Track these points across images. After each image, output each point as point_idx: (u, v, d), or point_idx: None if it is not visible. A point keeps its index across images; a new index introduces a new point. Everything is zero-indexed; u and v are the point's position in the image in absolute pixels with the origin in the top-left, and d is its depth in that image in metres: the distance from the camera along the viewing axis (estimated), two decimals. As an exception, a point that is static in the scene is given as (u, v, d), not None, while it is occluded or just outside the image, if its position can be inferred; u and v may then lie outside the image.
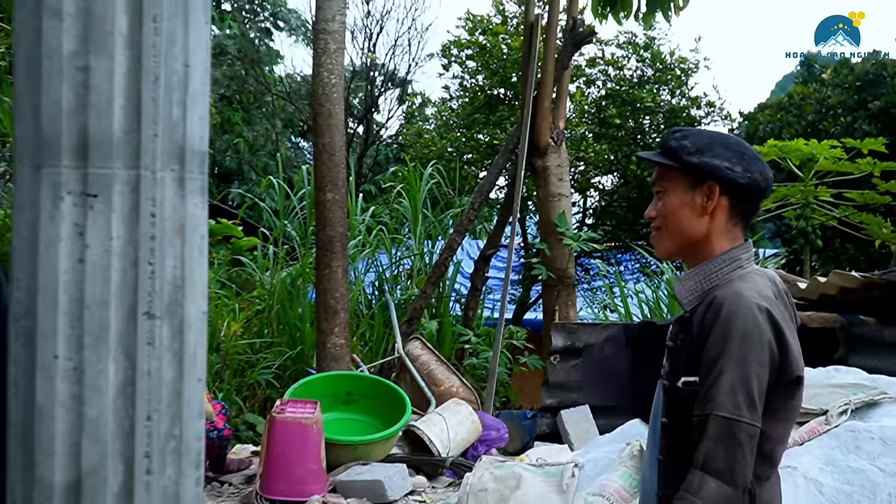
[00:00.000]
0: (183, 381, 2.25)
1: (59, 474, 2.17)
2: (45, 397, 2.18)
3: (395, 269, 15.31)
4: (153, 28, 2.18)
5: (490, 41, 20.88)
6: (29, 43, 2.19)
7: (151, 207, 2.18)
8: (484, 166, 21.25)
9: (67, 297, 2.17)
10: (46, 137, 2.17)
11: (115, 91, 2.16)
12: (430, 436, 8.89)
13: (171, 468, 2.24)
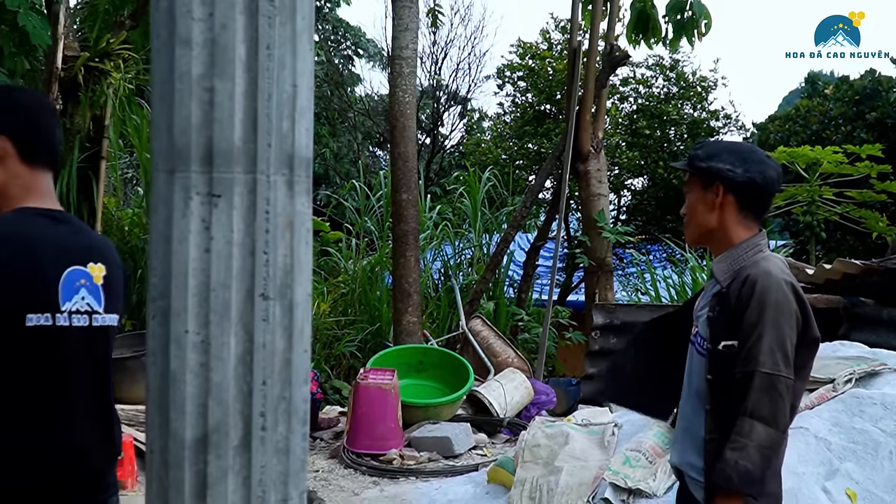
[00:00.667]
0: (292, 351, 2.26)
1: (189, 430, 2.19)
2: (178, 365, 2.19)
3: (458, 258, 15.32)
4: (267, 55, 2.18)
5: (538, 64, 20.83)
6: (163, 69, 2.21)
7: (266, 206, 2.19)
8: (533, 171, 21.22)
9: (196, 282, 2.18)
10: (178, 148, 2.18)
11: (235, 108, 2.17)
12: (490, 399, 8.88)
13: (283, 425, 2.25)
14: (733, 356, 2.87)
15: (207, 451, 2.18)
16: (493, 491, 6.53)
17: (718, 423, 2.90)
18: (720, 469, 2.79)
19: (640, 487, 5.72)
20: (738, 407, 2.80)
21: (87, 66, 7.75)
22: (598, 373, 9.76)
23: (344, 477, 7.66)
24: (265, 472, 2.22)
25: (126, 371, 9.36)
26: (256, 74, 2.18)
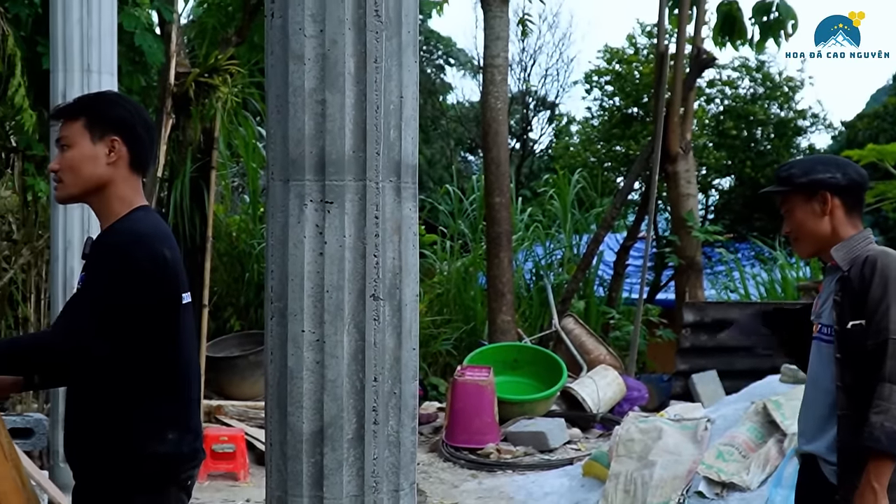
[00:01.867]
0: (401, 349, 2.30)
1: (307, 424, 2.24)
2: (295, 363, 2.25)
3: (549, 258, 15.27)
4: (374, 68, 2.22)
5: (624, 69, 20.63)
6: (278, 83, 2.26)
7: (375, 211, 2.23)
8: (620, 173, 21.03)
9: (311, 284, 2.23)
10: (293, 157, 2.24)
11: (345, 119, 2.21)
12: (583, 395, 8.84)
13: (393, 419, 2.29)
14: (862, 333, 2.92)
15: (324, 443, 2.24)
16: (588, 484, 6.50)
17: (851, 399, 2.93)
18: (868, 433, 2.82)
19: (733, 481, 5.65)
20: (876, 375, 2.85)
21: (198, 81, 7.94)
22: (689, 369, 9.64)
23: (443, 470, 7.70)
24: (378, 464, 2.26)
25: (236, 369, 9.55)
26: (365, 87, 2.22)
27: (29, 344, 2.59)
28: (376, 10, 2.21)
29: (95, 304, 2.52)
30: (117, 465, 2.61)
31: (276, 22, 2.26)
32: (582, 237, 15.31)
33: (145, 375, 2.63)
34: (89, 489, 2.68)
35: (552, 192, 16.60)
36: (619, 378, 9.25)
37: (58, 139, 2.67)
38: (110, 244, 2.59)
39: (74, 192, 2.67)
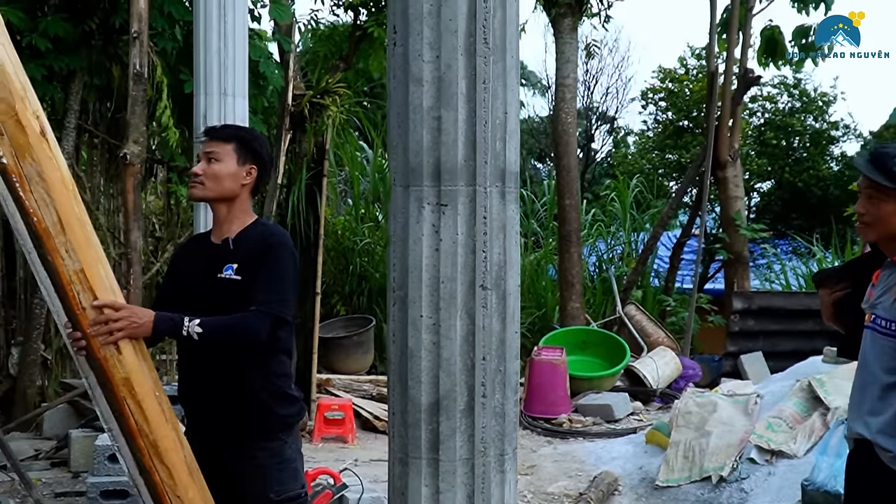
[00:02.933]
0: (506, 332, 2.29)
1: (425, 396, 2.25)
2: (415, 344, 2.25)
3: (610, 253, 15.13)
4: (483, 88, 2.22)
5: (676, 87, 20.35)
6: (399, 102, 2.27)
7: (484, 213, 2.23)
8: (672, 178, 20.75)
9: (428, 275, 2.24)
10: (412, 166, 2.24)
11: (458, 133, 2.21)
12: (645, 372, 8.74)
13: (499, 393, 2.28)
14: None
15: (439, 413, 2.24)
16: (650, 451, 6.41)
17: None
18: None
19: (782, 449, 5.53)
20: None
21: (311, 102, 8.03)
22: (737, 350, 9.49)
23: (522, 437, 7.67)
24: (486, 432, 2.25)
25: (341, 348, 9.65)
26: (475, 104, 2.21)
27: (233, 320, 2.66)
28: (485, 38, 2.20)
29: (284, 283, 2.69)
30: (271, 410, 2.78)
31: (398, 50, 2.26)
32: (639, 235, 15.13)
33: (285, 341, 2.81)
34: (240, 435, 2.81)
35: (613, 194, 16.45)
36: (676, 358, 9.12)
37: (207, 151, 2.78)
38: (277, 238, 2.77)
39: (210, 195, 2.81)
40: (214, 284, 2.75)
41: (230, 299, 2.70)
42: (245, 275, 2.71)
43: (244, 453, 2.80)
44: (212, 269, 2.78)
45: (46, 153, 2.79)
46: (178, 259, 3.09)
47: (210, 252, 2.84)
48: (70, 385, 6.80)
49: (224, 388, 2.81)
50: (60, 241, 2.76)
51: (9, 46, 2.86)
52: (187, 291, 2.86)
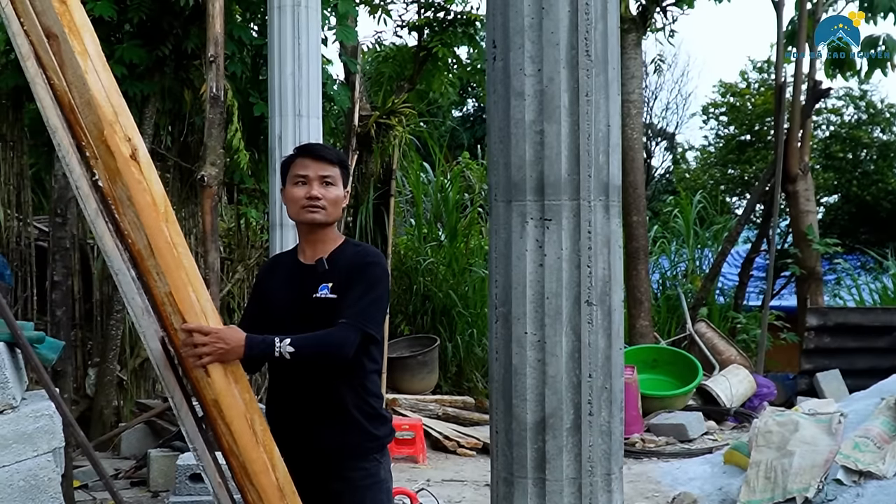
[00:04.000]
0: (611, 349, 2.24)
1: (530, 414, 2.21)
2: (519, 361, 2.22)
3: (674, 270, 14.91)
4: (586, 101, 2.19)
5: (738, 101, 20.09)
6: (500, 117, 2.25)
7: (588, 227, 2.19)
8: (735, 194, 20.46)
9: (532, 291, 2.20)
10: (515, 181, 2.22)
11: (561, 146, 2.18)
12: (718, 391, 8.58)
13: (605, 411, 2.23)
14: None
15: (545, 432, 2.20)
16: (729, 471, 6.28)
17: None
18: None
19: (870, 469, 5.35)
20: None
21: (378, 122, 8.09)
22: (813, 368, 9.25)
23: (594, 456, 7.56)
24: (592, 451, 2.21)
25: (406, 368, 9.64)
26: (578, 118, 2.18)
27: (322, 335, 2.66)
28: (587, 50, 2.17)
29: (377, 301, 2.71)
30: (367, 431, 2.79)
31: (498, 64, 2.24)
32: (702, 251, 14.89)
33: (377, 360, 2.84)
34: (336, 456, 2.81)
35: (676, 211, 16.24)
36: (750, 376, 8.94)
37: (324, 175, 2.78)
38: (372, 258, 2.80)
39: (330, 220, 2.82)
40: (310, 304, 2.76)
41: (326, 318, 2.70)
42: (340, 293, 2.72)
43: (340, 475, 2.79)
44: (306, 289, 2.78)
45: (135, 177, 2.83)
46: (263, 280, 3.07)
47: (302, 272, 2.84)
48: (146, 405, 6.89)
49: (319, 409, 2.80)
50: (151, 264, 2.80)
51: (103, 72, 2.91)
52: (280, 312, 2.86)
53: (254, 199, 8.10)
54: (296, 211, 2.80)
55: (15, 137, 7.28)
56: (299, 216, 2.80)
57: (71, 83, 2.79)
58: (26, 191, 7.39)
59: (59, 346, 3.63)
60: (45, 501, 3.11)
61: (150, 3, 6.87)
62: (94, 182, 2.84)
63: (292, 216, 2.85)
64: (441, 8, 9.63)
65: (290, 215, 2.87)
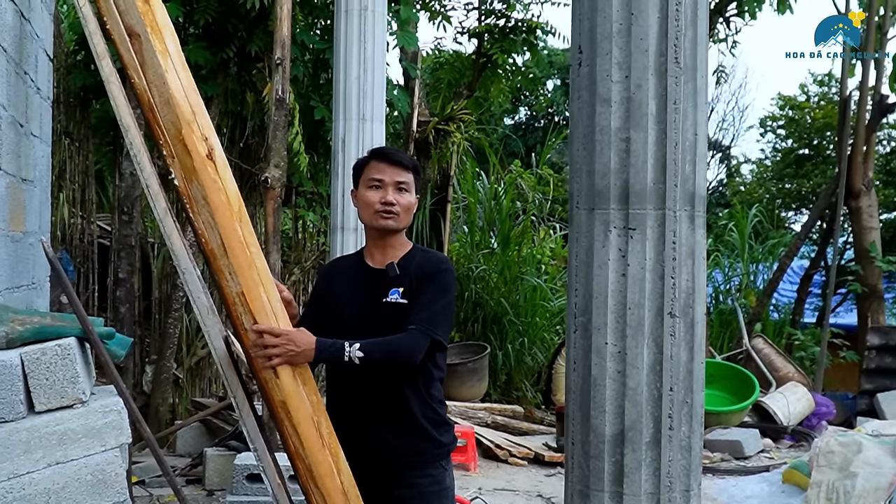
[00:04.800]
0: (693, 362, 2.20)
1: (608, 427, 2.17)
2: (598, 372, 2.18)
3: (727, 284, 14.69)
4: (673, 109, 2.15)
5: (797, 114, 19.76)
6: (585, 123, 2.22)
7: (673, 237, 2.15)
8: (791, 208, 20.11)
9: (614, 301, 2.17)
10: (598, 189, 2.18)
11: (647, 154, 2.14)
12: (775, 408, 8.41)
13: (685, 426, 2.19)
14: None
15: (624, 445, 2.15)
16: (787, 490, 6.16)
17: None
18: None
19: (938, 494, 5.21)
20: None
21: (436, 128, 8.10)
22: (873, 388, 9.04)
23: (647, 471, 7.46)
24: (672, 466, 2.16)
25: (456, 375, 9.60)
26: (665, 126, 2.14)
27: (392, 340, 2.65)
28: (676, 57, 2.13)
29: (446, 308, 2.72)
30: (433, 437, 2.78)
31: (584, 70, 2.21)
32: (757, 266, 14.66)
33: (442, 366, 2.85)
34: (402, 463, 2.79)
35: (731, 224, 16.01)
36: (809, 394, 8.75)
37: (399, 181, 2.77)
38: (444, 264, 2.80)
39: (402, 226, 2.82)
40: (379, 308, 2.75)
41: (394, 323, 2.69)
42: (411, 299, 2.70)
43: (407, 482, 2.77)
44: (376, 293, 2.77)
45: (211, 176, 2.85)
46: (325, 284, 3.05)
47: (371, 276, 2.82)
48: (201, 404, 6.95)
49: (385, 415, 2.79)
50: (224, 264, 2.81)
51: (182, 71, 2.94)
52: (346, 315, 2.84)
53: (312, 202, 8.15)
54: (369, 215, 2.78)
55: (81, 136, 7.41)
56: (372, 221, 2.78)
57: (151, 82, 2.81)
58: (90, 189, 7.51)
59: (128, 342, 3.66)
60: (111, 497, 3.12)
61: (216, 6, 6.95)
62: (171, 181, 2.87)
63: (364, 220, 2.83)
64: (502, 15, 9.62)
65: (361, 218, 2.86)
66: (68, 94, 7.39)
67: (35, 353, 3.09)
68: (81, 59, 7.35)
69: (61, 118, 7.21)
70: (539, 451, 7.52)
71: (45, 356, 3.10)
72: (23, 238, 4.03)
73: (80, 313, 3.31)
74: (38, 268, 4.45)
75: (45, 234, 4.69)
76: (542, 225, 12.90)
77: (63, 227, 7.14)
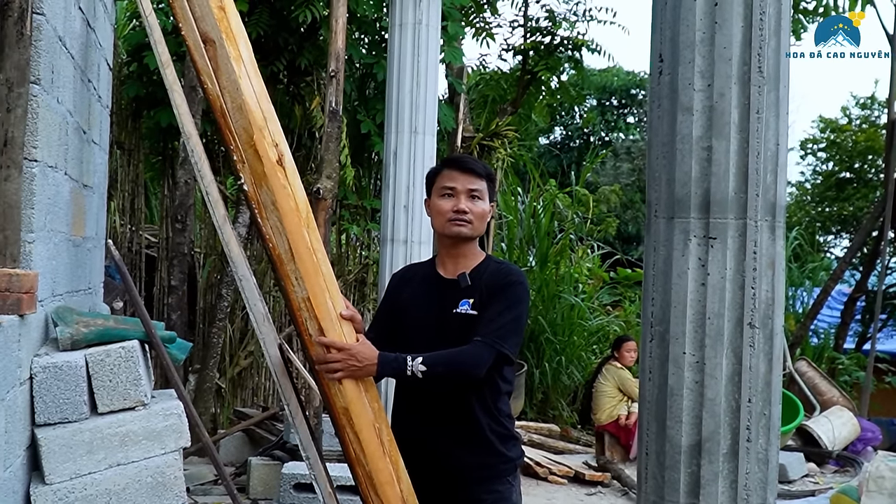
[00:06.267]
0: (772, 374, 2.17)
1: (685, 437, 2.15)
2: (675, 382, 2.17)
3: (767, 307, 14.54)
4: (756, 118, 2.14)
5: (838, 137, 19.57)
6: (665, 132, 2.21)
7: (753, 247, 2.13)
8: (832, 232, 19.88)
9: (693, 311, 2.15)
10: (678, 197, 2.17)
11: (729, 163, 2.13)
12: (820, 433, 8.29)
13: (763, 438, 2.16)
14: None
15: (701, 456, 2.13)
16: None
17: None
18: None
19: None
20: None
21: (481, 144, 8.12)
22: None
23: (689, 492, 7.37)
24: (749, 478, 2.13)
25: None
26: (748, 135, 2.13)
27: (455, 353, 2.62)
28: (759, 66, 2.13)
29: (516, 321, 2.67)
30: (501, 453, 2.74)
31: (665, 79, 2.21)
32: (797, 290, 14.50)
33: (510, 381, 2.81)
34: (469, 478, 2.75)
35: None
36: (854, 419, 8.62)
37: (472, 189, 2.76)
38: (516, 276, 2.74)
39: (475, 234, 2.79)
40: (449, 319, 2.73)
41: (464, 334, 2.67)
42: (481, 310, 2.68)
43: (472, 496, 2.74)
44: (446, 303, 2.75)
45: (281, 182, 2.87)
46: (396, 290, 3.03)
47: (442, 286, 2.81)
48: (244, 413, 6.98)
49: (452, 429, 2.76)
50: (291, 269, 2.83)
51: (255, 77, 2.98)
52: (417, 325, 2.83)
53: (356, 216, 8.18)
54: (442, 223, 2.77)
55: (133, 146, 7.51)
56: (445, 229, 2.77)
57: (224, 88, 2.85)
58: (139, 198, 7.61)
59: (188, 346, 3.70)
60: (170, 499, 3.15)
61: (268, 20, 7.03)
62: (240, 186, 2.89)
63: (437, 228, 2.82)
64: (547, 32, 9.64)
65: (434, 227, 2.84)
66: (121, 104, 7.50)
67: (99, 355, 3.13)
68: (134, 70, 7.46)
69: (113, 128, 7.30)
70: (579, 470, 7.46)
71: (108, 358, 3.14)
72: (83, 243, 4.09)
73: (144, 316, 3.34)
74: (94, 273, 4.51)
75: (101, 241, 4.76)
76: (580, 244, 12.86)
77: (113, 235, 7.23)
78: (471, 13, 9.38)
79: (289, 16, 6.94)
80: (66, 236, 3.66)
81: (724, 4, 2.12)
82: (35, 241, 3.05)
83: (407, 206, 5.38)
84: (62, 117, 3.45)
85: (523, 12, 9.88)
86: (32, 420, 2.99)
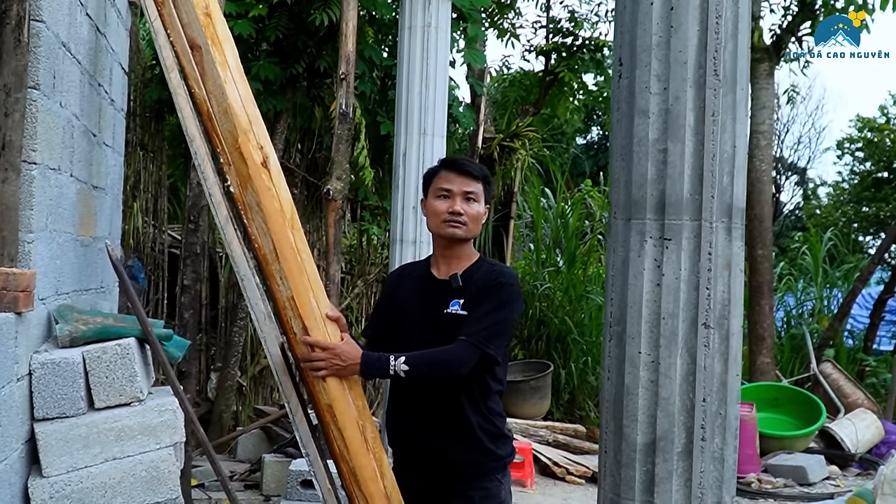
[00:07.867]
0: (727, 374, 2.19)
1: (640, 436, 2.18)
2: (631, 381, 2.19)
3: (800, 308, 14.37)
4: (712, 120, 2.15)
5: (876, 136, 19.29)
6: (623, 135, 2.24)
7: (708, 248, 2.15)
8: (869, 232, 19.59)
9: (648, 311, 2.18)
10: (635, 199, 2.20)
11: (684, 166, 2.15)
12: (842, 435, 8.20)
13: (718, 437, 2.18)
14: None
15: (655, 454, 2.16)
16: (851, 518, 5.99)
17: None
18: None
19: None
20: None
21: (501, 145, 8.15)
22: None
23: (707, 494, 7.33)
24: (703, 477, 2.15)
25: (518, 392, 9.57)
26: (703, 137, 2.15)
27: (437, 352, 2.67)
28: (715, 69, 2.14)
29: (502, 322, 2.71)
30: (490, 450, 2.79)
31: (623, 82, 2.24)
32: (831, 291, 14.30)
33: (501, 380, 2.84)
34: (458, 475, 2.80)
35: (804, 248, 15.68)
36: (878, 422, 8.51)
37: (467, 191, 2.80)
38: (507, 278, 2.79)
39: (469, 236, 2.84)
40: (440, 319, 2.77)
41: (455, 334, 2.71)
42: (470, 310, 2.73)
43: (462, 493, 2.78)
44: (438, 303, 2.80)
45: (265, 183, 2.94)
46: (393, 289, 3.09)
47: (435, 287, 2.86)
48: (262, 411, 7.09)
49: (443, 427, 2.80)
50: (276, 269, 2.90)
51: (241, 81, 3.04)
52: (410, 325, 2.88)
53: (376, 216, 8.26)
54: (436, 224, 2.82)
55: (155, 148, 7.66)
56: (439, 230, 2.82)
57: (210, 92, 2.92)
58: (163, 199, 7.75)
59: (186, 344, 3.77)
60: (164, 493, 3.22)
61: (287, 23, 7.13)
62: (226, 188, 2.97)
63: (432, 229, 2.86)
64: (569, 33, 9.65)
65: (429, 228, 2.89)
66: (144, 107, 7.64)
67: (96, 352, 3.22)
68: (157, 73, 7.60)
69: (137, 130, 7.46)
70: (597, 470, 7.46)
71: (105, 355, 3.23)
72: (92, 243, 4.19)
73: (140, 314, 3.43)
74: (106, 273, 4.61)
75: (115, 241, 4.86)
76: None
77: (136, 235, 7.38)
78: (494, 14, 9.42)
79: (307, 19, 7.04)
80: (72, 236, 3.75)
81: (680, 8, 2.14)
82: (35, 241, 3.14)
83: (416, 207, 5.43)
84: (66, 121, 3.54)
85: (546, 13, 9.90)
86: (32, 415, 3.08)
